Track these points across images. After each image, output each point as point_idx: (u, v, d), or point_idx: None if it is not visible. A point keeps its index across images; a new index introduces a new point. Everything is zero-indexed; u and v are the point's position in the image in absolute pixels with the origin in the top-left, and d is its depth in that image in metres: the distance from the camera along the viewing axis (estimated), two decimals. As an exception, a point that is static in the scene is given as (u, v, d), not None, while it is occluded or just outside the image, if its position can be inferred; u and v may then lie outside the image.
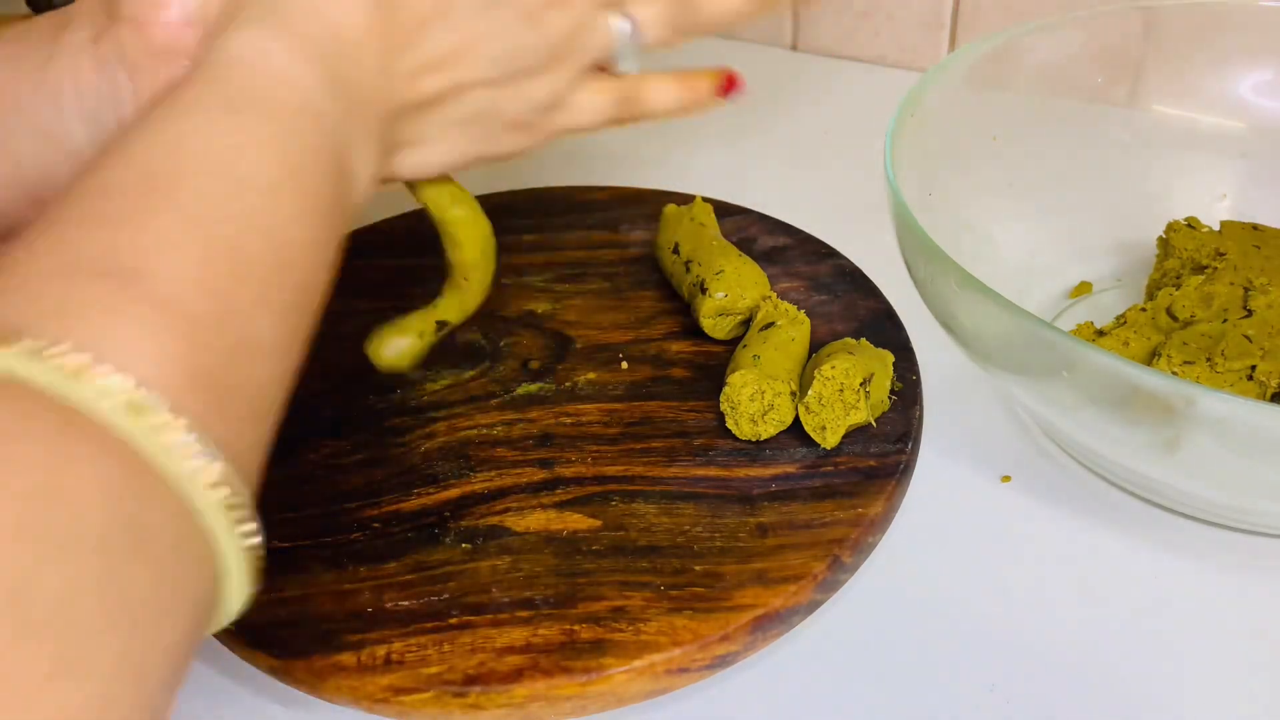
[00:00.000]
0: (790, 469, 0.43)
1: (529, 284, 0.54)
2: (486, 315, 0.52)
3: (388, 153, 0.36)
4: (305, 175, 0.30)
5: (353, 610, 0.38)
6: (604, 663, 0.36)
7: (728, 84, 0.43)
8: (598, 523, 0.41)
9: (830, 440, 0.43)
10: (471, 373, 0.49)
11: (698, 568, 0.39)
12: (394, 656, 0.36)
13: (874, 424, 0.44)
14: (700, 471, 0.43)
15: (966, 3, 0.75)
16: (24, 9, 0.96)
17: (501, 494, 0.43)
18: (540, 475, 0.43)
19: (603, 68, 0.40)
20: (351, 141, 0.33)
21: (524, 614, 0.38)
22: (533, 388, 0.48)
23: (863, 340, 0.46)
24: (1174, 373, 0.43)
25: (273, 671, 0.37)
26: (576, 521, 0.41)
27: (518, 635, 0.37)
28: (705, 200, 0.56)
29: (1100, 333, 0.46)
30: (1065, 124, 0.56)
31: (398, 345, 0.43)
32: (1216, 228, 0.50)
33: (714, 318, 0.49)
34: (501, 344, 0.50)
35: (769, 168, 0.69)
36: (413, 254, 0.55)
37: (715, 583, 0.38)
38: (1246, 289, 0.46)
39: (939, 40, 0.77)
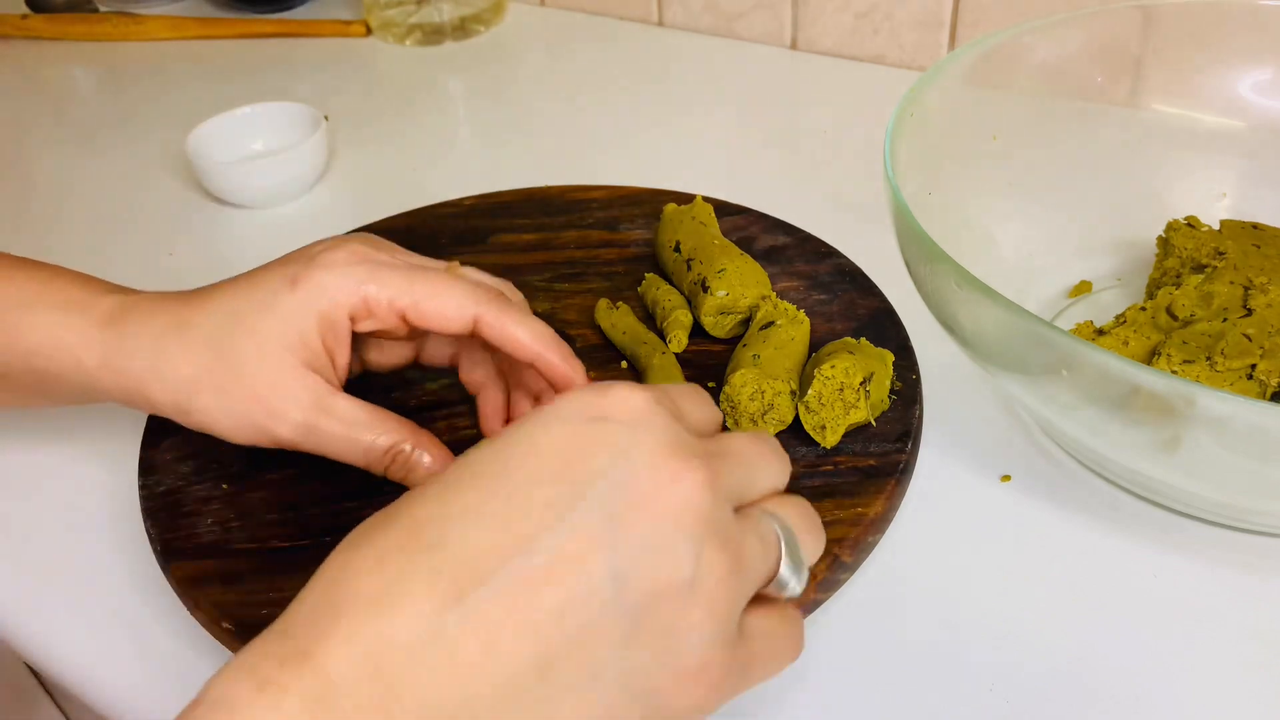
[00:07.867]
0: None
1: (529, 284, 0.54)
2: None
3: None
4: None
5: (352, 610, 0.38)
6: (604, 662, 0.36)
7: None
8: (597, 522, 0.41)
9: (830, 439, 0.43)
10: (471, 372, 0.49)
11: (698, 567, 0.39)
12: (394, 656, 0.36)
13: (874, 423, 0.44)
14: (700, 471, 0.43)
15: (966, 3, 0.75)
16: (24, 9, 0.96)
17: (501, 494, 0.43)
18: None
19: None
20: None
21: (524, 613, 0.38)
22: (533, 387, 0.48)
23: (863, 340, 0.46)
24: (1174, 372, 0.43)
25: (272, 671, 0.37)
26: (576, 521, 0.41)
27: (517, 635, 0.37)
28: (705, 200, 0.56)
29: (1100, 332, 0.46)
30: (1065, 124, 0.56)
31: None
32: (1216, 227, 0.50)
33: (715, 316, 0.49)
34: (501, 344, 0.50)
35: (769, 168, 0.69)
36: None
37: (715, 582, 0.38)
38: (1246, 288, 0.46)
39: (939, 40, 0.77)
